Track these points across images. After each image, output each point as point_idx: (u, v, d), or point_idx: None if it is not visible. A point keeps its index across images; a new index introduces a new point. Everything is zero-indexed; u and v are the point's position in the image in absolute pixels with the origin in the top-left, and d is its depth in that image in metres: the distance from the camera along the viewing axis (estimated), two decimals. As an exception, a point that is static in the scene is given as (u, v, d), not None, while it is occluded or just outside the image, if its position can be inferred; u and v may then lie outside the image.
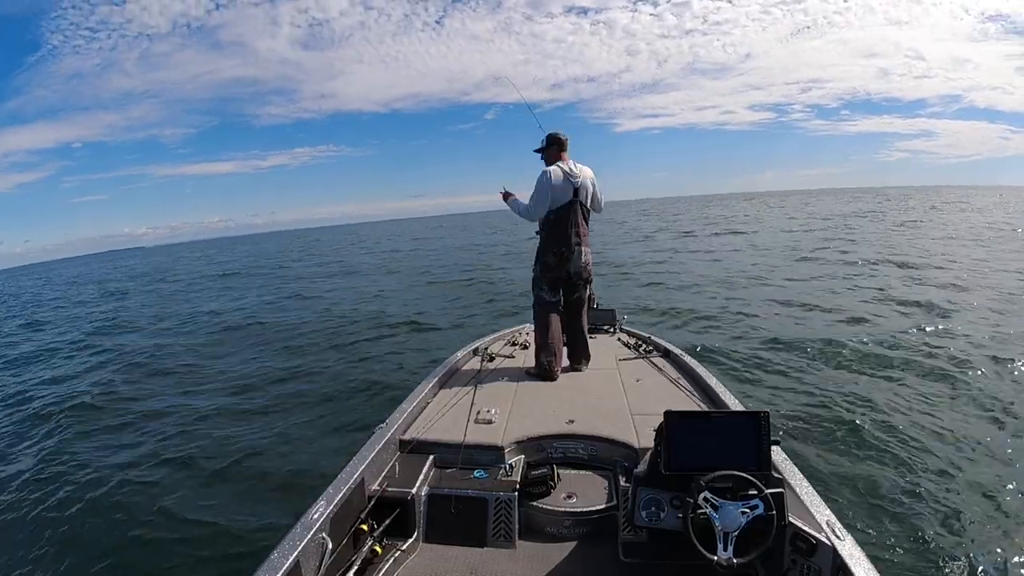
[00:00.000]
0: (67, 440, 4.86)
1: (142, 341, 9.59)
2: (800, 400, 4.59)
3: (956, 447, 3.73)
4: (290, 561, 1.41)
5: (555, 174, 3.07)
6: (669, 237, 24.00)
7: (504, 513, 1.93)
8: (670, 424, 1.60)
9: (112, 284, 26.04)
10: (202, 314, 12.09)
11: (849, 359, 5.65)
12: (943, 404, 4.44)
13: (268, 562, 1.40)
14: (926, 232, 19.81)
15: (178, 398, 5.92)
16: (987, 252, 13.59)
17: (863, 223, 25.54)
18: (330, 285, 15.61)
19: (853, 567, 1.34)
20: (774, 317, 7.76)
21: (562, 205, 3.09)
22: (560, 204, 3.08)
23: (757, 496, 1.46)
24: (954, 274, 10.33)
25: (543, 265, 3.17)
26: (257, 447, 4.28)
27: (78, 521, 3.41)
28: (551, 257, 3.14)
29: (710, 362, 5.18)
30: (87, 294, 22.33)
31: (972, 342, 6.00)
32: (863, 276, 10.71)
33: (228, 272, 24.40)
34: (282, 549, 1.46)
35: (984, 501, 3.11)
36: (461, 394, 2.73)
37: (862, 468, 3.47)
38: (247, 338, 8.96)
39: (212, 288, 18.47)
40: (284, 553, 1.44)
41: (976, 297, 8.31)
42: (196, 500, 3.56)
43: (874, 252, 14.03)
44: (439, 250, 26.90)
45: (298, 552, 1.46)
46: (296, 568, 1.44)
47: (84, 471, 4.09)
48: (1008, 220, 24.23)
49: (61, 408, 5.78)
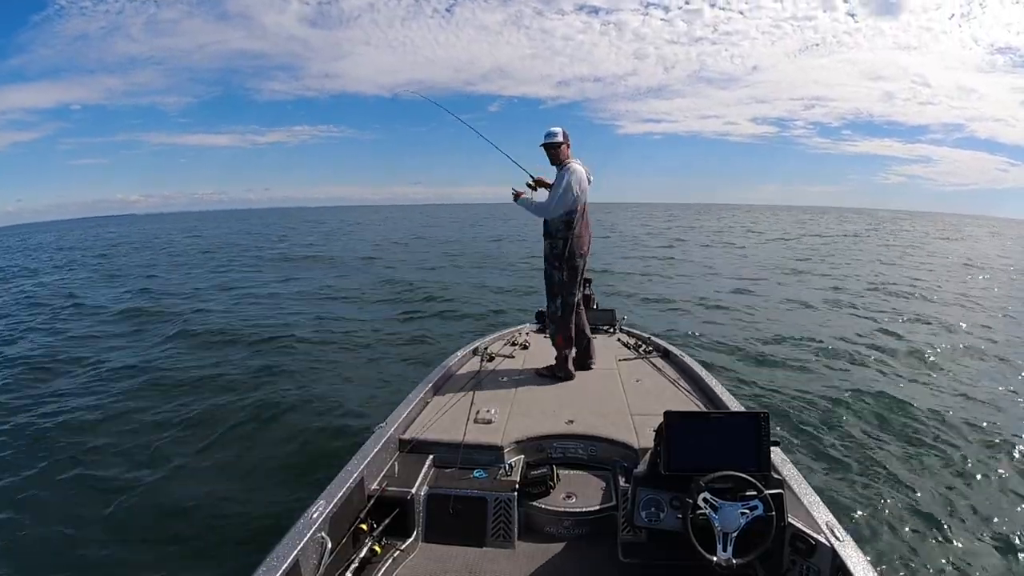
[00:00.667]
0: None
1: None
2: (800, 400, 4.60)
3: (956, 447, 3.73)
4: (290, 560, 1.41)
5: (581, 174, 2.98)
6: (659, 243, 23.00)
7: (503, 513, 1.93)
8: (670, 424, 1.60)
9: (71, 254, 24.11)
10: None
11: (849, 361, 5.67)
12: (942, 404, 4.45)
13: (268, 561, 1.40)
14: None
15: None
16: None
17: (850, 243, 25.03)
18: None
19: (852, 568, 1.34)
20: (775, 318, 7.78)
21: (581, 205, 3.02)
22: (580, 204, 3.01)
23: (756, 497, 1.46)
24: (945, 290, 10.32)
25: (570, 266, 3.05)
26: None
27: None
28: (579, 260, 3.06)
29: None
30: (37, 263, 20.84)
31: (973, 341, 6.02)
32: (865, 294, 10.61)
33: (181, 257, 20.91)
34: (281, 548, 1.45)
35: (984, 501, 3.11)
36: (461, 394, 2.72)
37: (862, 469, 3.47)
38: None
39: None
40: (283, 552, 1.44)
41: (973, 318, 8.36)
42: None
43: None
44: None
45: (297, 551, 1.45)
46: (295, 567, 1.44)
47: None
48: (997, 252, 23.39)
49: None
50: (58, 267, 18.83)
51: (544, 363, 3.19)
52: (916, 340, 6.51)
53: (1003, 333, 7.19)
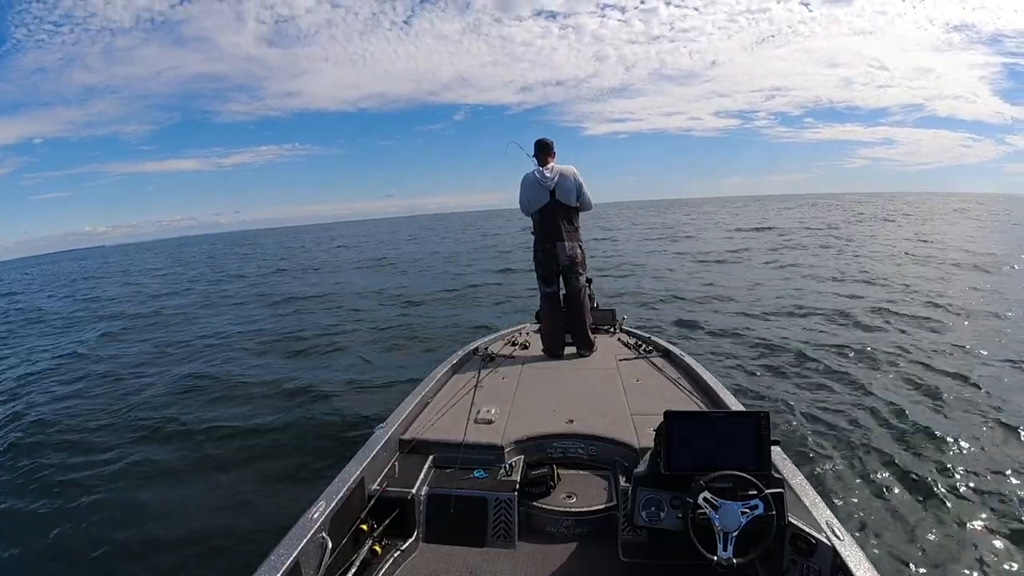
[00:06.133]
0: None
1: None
2: (800, 401, 4.60)
3: (956, 447, 3.73)
4: (290, 561, 1.41)
5: (529, 178, 3.45)
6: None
7: (504, 513, 1.93)
8: (670, 424, 1.60)
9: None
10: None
11: (848, 361, 5.67)
12: (941, 404, 4.45)
13: (268, 561, 1.40)
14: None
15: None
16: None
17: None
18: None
19: (853, 567, 1.34)
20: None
21: (543, 205, 3.43)
22: (541, 205, 3.44)
23: (757, 496, 1.46)
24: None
25: (535, 261, 3.57)
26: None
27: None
28: (539, 253, 3.52)
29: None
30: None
31: (969, 343, 6.02)
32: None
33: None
34: (282, 549, 1.45)
35: (984, 501, 3.11)
36: (461, 394, 2.73)
37: (862, 468, 3.47)
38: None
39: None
40: (284, 553, 1.44)
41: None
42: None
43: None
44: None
45: (298, 552, 1.45)
46: (296, 568, 1.44)
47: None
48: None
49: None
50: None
51: (544, 363, 3.24)
52: (917, 334, 6.50)
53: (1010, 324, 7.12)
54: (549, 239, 3.44)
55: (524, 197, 3.49)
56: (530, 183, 3.44)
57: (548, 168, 3.40)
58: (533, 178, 3.42)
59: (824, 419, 4.18)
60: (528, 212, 3.53)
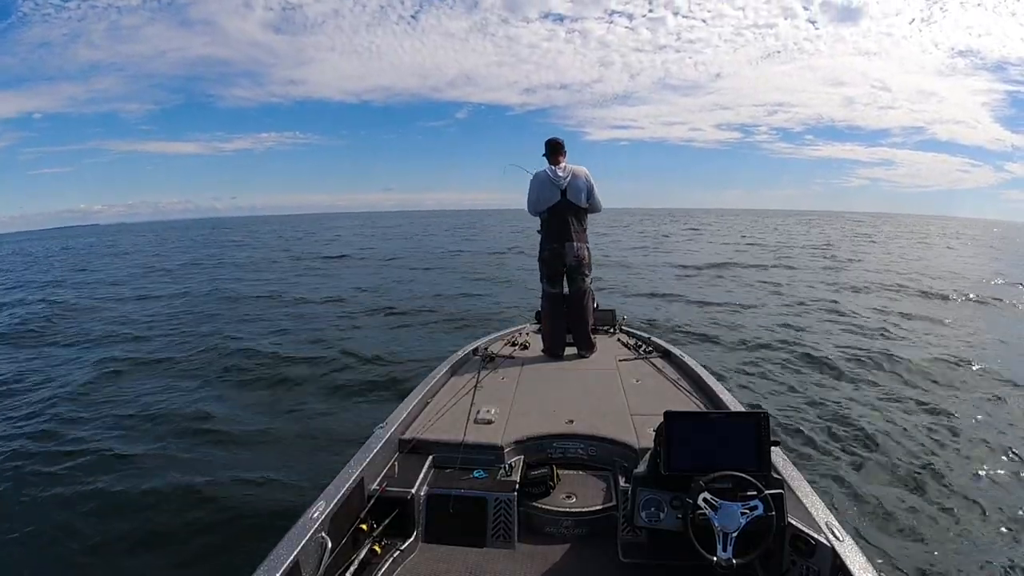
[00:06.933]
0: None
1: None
2: (800, 402, 4.60)
3: (955, 447, 3.73)
4: (289, 560, 1.41)
5: (540, 177, 3.41)
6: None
7: (503, 513, 1.93)
8: (670, 424, 1.60)
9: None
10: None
11: (848, 363, 5.67)
12: (940, 405, 4.45)
13: (267, 561, 1.40)
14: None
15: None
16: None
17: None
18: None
19: (852, 568, 1.34)
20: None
21: (553, 205, 3.38)
22: (550, 204, 3.39)
23: (757, 497, 1.46)
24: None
25: (541, 260, 3.52)
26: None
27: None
28: (545, 253, 3.48)
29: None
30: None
31: (967, 343, 6.02)
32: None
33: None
34: (281, 548, 1.45)
35: (984, 502, 3.11)
36: (461, 394, 2.72)
37: (862, 469, 3.47)
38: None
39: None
40: (283, 552, 1.43)
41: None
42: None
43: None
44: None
45: (297, 552, 1.45)
46: (295, 568, 1.44)
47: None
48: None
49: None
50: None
51: (544, 363, 3.23)
52: (919, 342, 6.52)
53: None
54: (557, 239, 3.39)
55: (533, 195, 3.44)
56: (541, 181, 3.39)
57: (560, 167, 3.36)
58: (545, 176, 3.38)
59: (824, 420, 4.19)
60: (536, 211, 3.47)
